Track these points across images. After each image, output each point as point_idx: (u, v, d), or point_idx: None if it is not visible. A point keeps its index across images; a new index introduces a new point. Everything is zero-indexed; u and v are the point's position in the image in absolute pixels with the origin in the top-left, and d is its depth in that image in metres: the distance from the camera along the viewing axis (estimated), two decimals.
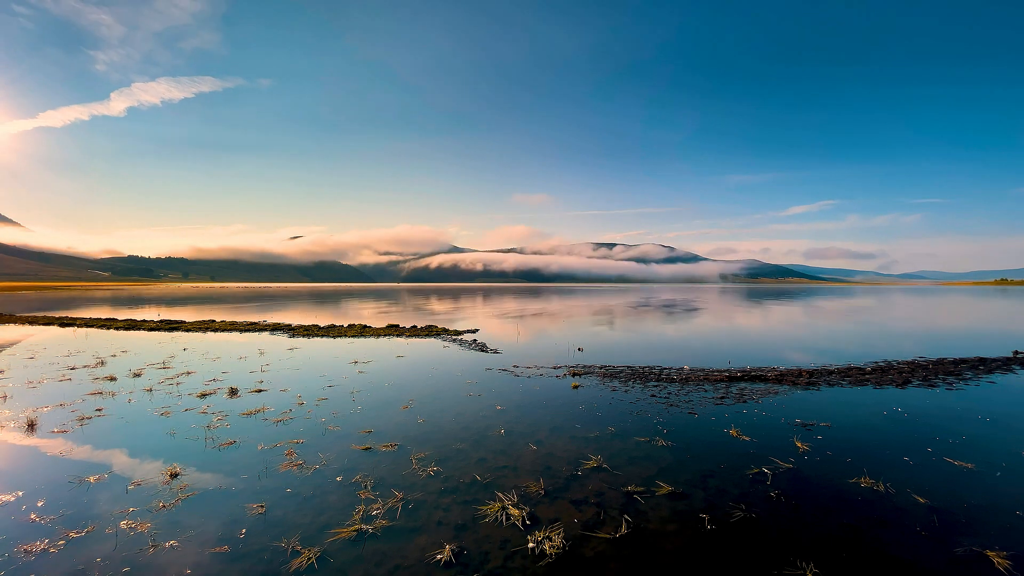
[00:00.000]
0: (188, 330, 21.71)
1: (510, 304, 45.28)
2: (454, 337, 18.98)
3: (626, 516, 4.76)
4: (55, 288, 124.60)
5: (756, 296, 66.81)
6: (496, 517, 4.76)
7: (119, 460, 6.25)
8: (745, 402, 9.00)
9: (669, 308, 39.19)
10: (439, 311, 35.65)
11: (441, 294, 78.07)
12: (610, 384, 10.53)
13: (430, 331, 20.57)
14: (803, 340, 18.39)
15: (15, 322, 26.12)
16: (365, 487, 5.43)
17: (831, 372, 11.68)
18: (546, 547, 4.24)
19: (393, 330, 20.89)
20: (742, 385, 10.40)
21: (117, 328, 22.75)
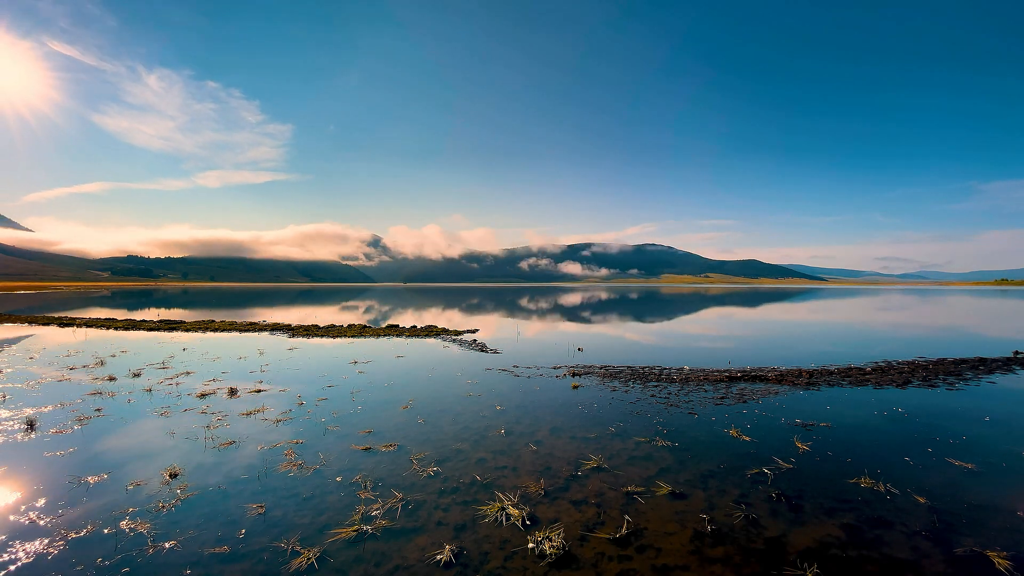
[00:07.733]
0: (188, 330, 21.70)
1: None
2: (454, 337, 18.98)
3: (626, 516, 4.76)
4: (55, 288, 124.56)
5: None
6: (496, 517, 4.76)
7: (119, 460, 6.25)
8: (745, 402, 8.99)
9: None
10: (438, 311, 35.64)
11: (440, 295, 78.06)
12: (610, 384, 10.52)
13: (430, 331, 20.57)
14: (801, 339, 18.39)
15: (15, 322, 26.11)
16: (365, 487, 5.43)
17: (831, 372, 11.68)
18: (546, 547, 4.24)
19: (393, 330, 20.88)
20: (742, 385, 10.40)
21: (117, 328, 22.74)
